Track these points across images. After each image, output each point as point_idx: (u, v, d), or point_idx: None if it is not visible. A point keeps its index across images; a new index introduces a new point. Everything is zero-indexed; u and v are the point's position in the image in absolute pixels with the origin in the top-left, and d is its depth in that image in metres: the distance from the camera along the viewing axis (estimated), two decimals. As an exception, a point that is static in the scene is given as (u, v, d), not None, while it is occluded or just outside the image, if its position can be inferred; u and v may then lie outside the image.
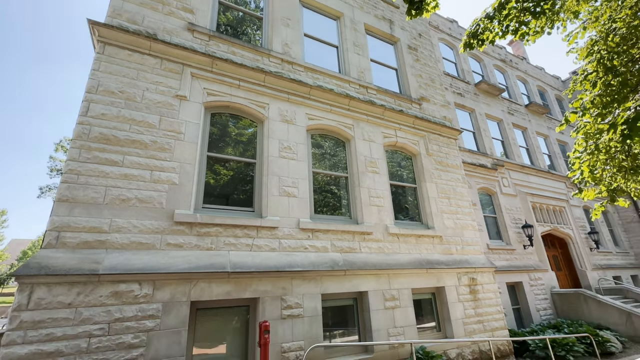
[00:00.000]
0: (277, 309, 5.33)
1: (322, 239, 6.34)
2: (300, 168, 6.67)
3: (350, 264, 6.26)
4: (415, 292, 7.15)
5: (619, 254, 17.10)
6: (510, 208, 13.43)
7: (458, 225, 8.55)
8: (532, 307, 11.54)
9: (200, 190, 5.64)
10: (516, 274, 11.81)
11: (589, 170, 4.75)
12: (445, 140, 9.71)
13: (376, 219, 7.22)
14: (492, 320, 7.79)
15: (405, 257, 7.13)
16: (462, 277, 7.80)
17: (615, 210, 19.01)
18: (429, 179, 8.66)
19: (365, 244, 6.83)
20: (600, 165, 4.84)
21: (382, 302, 6.42)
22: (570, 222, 15.40)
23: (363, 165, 7.62)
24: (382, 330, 6.20)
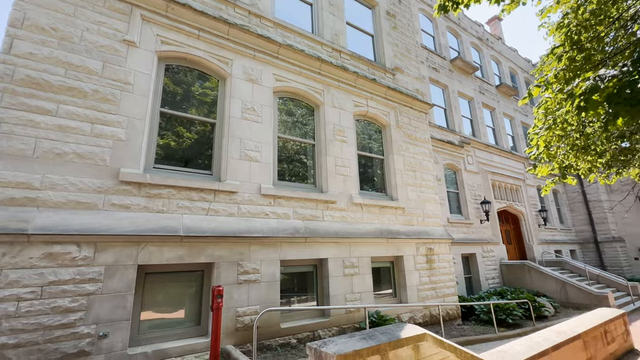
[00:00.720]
0: (233, 274, 5.21)
1: (284, 205, 6.19)
2: (265, 132, 6.34)
3: (311, 232, 6.22)
4: (374, 260, 7.33)
5: (563, 231, 18.72)
6: (472, 185, 14.01)
7: (421, 198, 8.75)
8: (482, 276, 12.45)
9: (151, 149, 5.18)
10: (471, 246, 12.56)
11: (545, 146, 4.91)
12: (416, 113, 9.67)
13: (341, 188, 7.16)
14: (444, 287, 8.27)
15: (367, 227, 7.22)
16: (421, 247, 8.10)
17: (564, 191, 20.56)
18: (397, 152, 8.66)
19: (329, 212, 6.79)
20: (555, 142, 5.00)
21: (342, 269, 6.53)
22: (524, 200, 16.44)
23: (331, 133, 7.41)
24: (340, 296, 6.34)
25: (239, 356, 4.30)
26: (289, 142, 6.98)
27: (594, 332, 5.44)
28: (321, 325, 5.93)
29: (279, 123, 6.91)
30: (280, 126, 6.89)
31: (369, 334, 2.85)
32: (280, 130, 6.84)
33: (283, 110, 7.10)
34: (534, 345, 4.35)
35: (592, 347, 5.28)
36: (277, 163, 6.54)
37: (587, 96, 2.83)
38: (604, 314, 6.29)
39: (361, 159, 8.15)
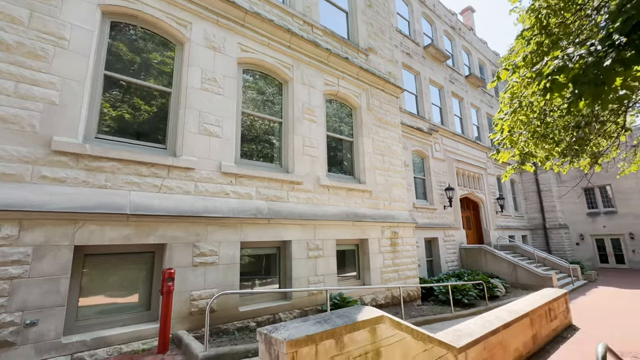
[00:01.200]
0: (188, 256, 4.87)
1: (247, 185, 5.86)
2: (227, 105, 5.88)
3: (275, 213, 5.97)
4: (340, 243, 7.27)
5: (517, 218, 20.02)
6: (438, 172, 14.38)
7: (388, 182, 8.77)
8: (442, 259, 13.00)
9: (93, 116, 4.59)
10: (434, 230, 13.01)
11: (509, 131, 4.98)
12: (387, 97, 9.56)
13: (308, 169, 6.93)
14: (407, 270, 8.46)
15: (333, 209, 7.10)
16: (386, 230, 8.16)
17: (520, 181, 21.89)
18: (367, 134, 8.53)
19: (294, 193, 6.55)
20: (518, 127, 5.09)
21: (306, 252, 6.38)
22: (484, 188, 17.26)
23: (300, 111, 7.09)
24: (303, 278, 6.22)
25: (190, 341, 4.04)
26: (255, 119, 6.58)
27: (539, 311, 5.79)
28: (282, 308, 5.79)
29: (244, 97, 6.46)
30: (245, 101, 6.44)
31: (324, 317, 2.71)
32: (245, 105, 6.40)
33: (249, 84, 6.64)
34: (487, 324, 4.51)
35: (538, 324, 5.63)
36: (240, 140, 6.14)
37: (555, 76, 2.78)
38: (548, 294, 6.73)
39: (330, 140, 7.94)
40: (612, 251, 19.11)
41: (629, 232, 18.45)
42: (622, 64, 2.30)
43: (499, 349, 4.42)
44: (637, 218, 18.32)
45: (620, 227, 18.83)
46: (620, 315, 7.94)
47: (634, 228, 18.33)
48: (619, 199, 19.11)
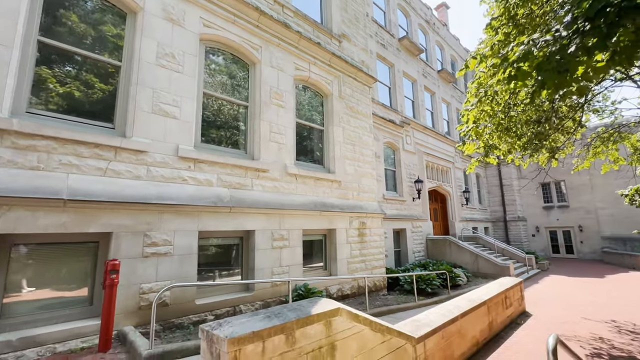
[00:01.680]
0: (137, 246, 4.48)
1: (207, 171, 5.50)
2: (187, 84, 5.43)
3: (238, 201, 5.67)
4: (306, 233, 7.11)
5: (480, 210, 20.96)
6: (408, 164, 14.59)
7: (358, 172, 8.69)
8: (410, 249, 13.29)
9: (23, 87, 4.02)
10: (403, 221, 13.24)
11: (474, 121, 5.01)
12: (359, 86, 9.41)
13: (275, 156, 6.65)
14: (374, 260, 8.50)
15: (301, 199, 6.90)
16: (354, 221, 8.11)
17: (485, 175, 22.87)
18: (337, 123, 8.36)
19: (259, 181, 6.27)
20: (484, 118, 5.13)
21: (270, 242, 6.16)
22: (452, 181, 17.82)
23: (267, 95, 6.75)
24: (267, 269, 6.01)
25: (136, 338, 3.72)
26: (218, 101, 6.16)
27: (496, 299, 5.99)
28: (243, 300, 5.56)
29: (208, 78, 6.02)
30: (208, 82, 6.01)
31: (276, 311, 2.52)
32: (208, 86, 5.97)
33: (213, 64, 6.19)
34: (446, 314, 4.55)
35: (494, 311, 5.82)
36: (201, 123, 5.73)
37: (519, 64, 2.71)
38: (505, 283, 7.01)
39: (300, 127, 7.68)
40: (564, 242, 20.59)
41: (579, 225, 19.93)
42: (585, 51, 2.25)
43: (456, 336, 4.49)
44: (587, 212, 19.80)
45: (571, 220, 20.28)
46: (567, 302, 8.49)
47: (584, 221, 19.82)
48: (572, 194, 20.52)
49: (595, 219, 19.50)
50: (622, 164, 9.11)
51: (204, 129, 5.81)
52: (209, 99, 5.98)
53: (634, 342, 5.40)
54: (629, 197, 8.31)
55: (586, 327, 6.24)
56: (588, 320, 6.66)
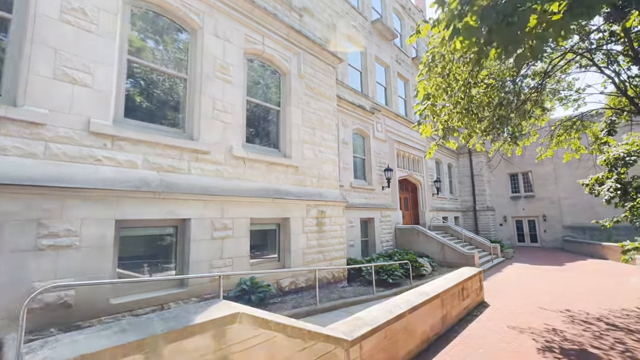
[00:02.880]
0: (29, 238, 3.73)
1: (130, 151, 4.75)
2: (103, 47, 4.60)
3: (169, 186, 4.97)
4: (256, 222, 6.52)
5: (451, 200, 21.13)
6: (378, 152, 14.21)
7: (319, 157, 8.14)
8: (377, 239, 13.03)
9: None
10: (371, 210, 12.90)
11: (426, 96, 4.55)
12: (323, 65, 8.77)
13: (219, 137, 5.96)
14: (333, 250, 8.06)
15: (248, 184, 6.27)
16: (312, 209, 7.59)
17: (457, 166, 23.05)
18: (296, 104, 7.72)
19: (198, 164, 5.58)
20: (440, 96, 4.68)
21: (210, 232, 5.52)
22: (423, 170, 17.69)
23: (211, 68, 6.00)
24: (204, 262, 5.39)
25: (9, 350, 3.03)
26: (148, 71, 5.36)
27: (452, 291, 5.70)
28: (175, 297, 4.93)
29: (135, 43, 5.19)
30: (137, 47, 5.18)
31: (140, 322, 1.94)
32: (136, 52, 5.15)
33: (142, 28, 5.35)
34: (393, 309, 4.14)
35: (449, 304, 5.52)
36: (124, 93, 4.94)
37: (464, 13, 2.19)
38: (464, 273, 6.77)
39: (252, 107, 6.99)
40: (529, 231, 21.20)
41: (543, 215, 20.53)
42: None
43: (403, 334, 4.10)
44: (551, 202, 20.39)
45: (537, 210, 20.86)
46: (526, 291, 8.46)
47: (548, 211, 20.42)
48: (538, 184, 21.06)
49: (558, 208, 20.13)
50: (584, 152, 9.09)
51: (129, 102, 5.02)
52: (136, 68, 5.17)
53: (586, 332, 5.27)
54: (589, 187, 8.30)
55: (541, 317, 6.11)
56: (544, 310, 6.55)
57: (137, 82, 5.21)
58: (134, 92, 5.14)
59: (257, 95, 7.18)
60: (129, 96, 5.06)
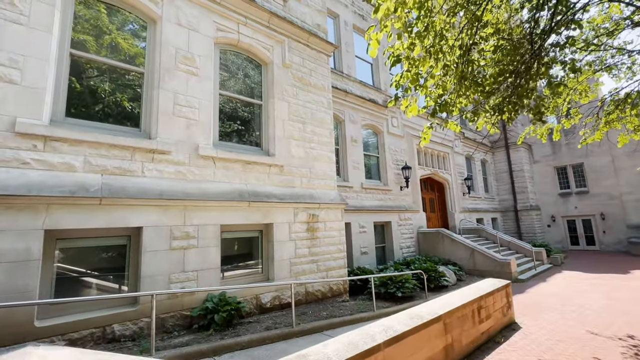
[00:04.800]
0: None
1: (67, 152, 4.25)
2: (34, 36, 4.18)
3: (115, 191, 4.40)
4: (229, 229, 5.79)
5: (487, 200, 18.97)
6: (394, 149, 12.97)
7: (310, 155, 7.25)
8: (396, 245, 11.73)
9: None
10: (387, 213, 11.68)
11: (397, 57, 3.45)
12: (313, 54, 7.93)
13: (182, 135, 5.34)
14: (330, 259, 7.07)
15: (219, 187, 5.57)
16: (301, 213, 6.70)
17: (492, 161, 20.79)
18: (280, 96, 6.94)
19: (155, 165, 4.97)
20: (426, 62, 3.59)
21: (168, 242, 4.87)
22: (450, 168, 15.99)
23: (172, 59, 5.43)
24: (161, 277, 4.73)
25: None
26: (95, 65, 4.89)
27: (462, 311, 4.47)
28: (122, 317, 4.30)
29: (79, 34, 4.75)
30: (81, 39, 4.74)
31: None
32: (78, 45, 4.70)
33: (85, 17, 4.91)
34: (360, 343, 3.10)
35: (457, 329, 4.30)
36: (65, 91, 4.48)
37: None
38: (482, 287, 5.45)
39: (227, 101, 6.34)
40: (583, 233, 18.33)
41: (601, 213, 17.63)
42: None
43: (375, 376, 3.04)
44: (610, 198, 17.46)
45: (592, 208, 17.98)
46: (575, 307, 6.79)
47: (606, 209, 17.50)
48: (592, 178, 18.19)
49: (619, 205, 17.16)
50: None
51: (73, 100, 4.56)
52: (77, 60, 4.71)
53: (657, 373, 3.78)
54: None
55: (591, 347, 4.62)
56: (595, 337, 5.01)
57: (83, 79, 4.75)
58: (79, 89, 4.67)
59: (234, 89, 6.51)
60: (74, 93, 4.60)
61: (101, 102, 4.87)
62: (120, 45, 5.15)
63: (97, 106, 4.82)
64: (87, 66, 4.81)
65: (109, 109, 4.93)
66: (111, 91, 4.99)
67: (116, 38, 5.12)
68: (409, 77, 3.68)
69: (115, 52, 5.08)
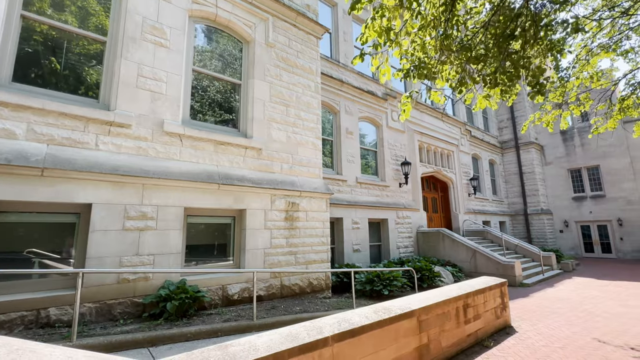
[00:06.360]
0: None
1: (8, 118, 3.90)
2: (-23, -4, 3.87)
3: (60, 162, 4.03)
4: (197, 213, 5.36)
5: (495, 202, 18.06)
6: (394, 144, 12.38)
7: (293, 140, 6.79)
8: (393, 244, 11.10)
9: None
10: (384, 210, 11.07)
11: None
12: (301, 35, 7.50)
13: (146, 109, 4.96)
14: (311, 252, 6.55)
15: (185, 166, 5.15)
16: (278, 200, 6.22)
17: (501, 162, 19.87)
18: (261, 76, 6.52)
19: (111, 138, 4.59)
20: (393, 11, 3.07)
21: (121, 221, 4.46)
22: (455, 167, 15.25)
23: (138, 29, 5.07)
24: (110, 259, 4.31)
25: None
26: (50, 31, 4.56)
27: (442, 308, 3.89)
28: (60, 300, 3.90)
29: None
30: (33, 3, 4.43)
31: None
32: (28, 4, 4.39)
33: (47, -19, 4.61)
34: (303, 335, 2.59)
35: (436, 327, 3.72)
36: (13, 56, 4.16)
37: None
38: (473, 284, 4.84)
39: (202, 78, 5.96)
40: (599, 239, 17.19)
41: (618, 218, 16.50)
42: None
43: (319, 376, 2.52)
44: (629, 203, 16.32)
45: (608, 213, 16.86)
46: (583, 313, 6.06)
47: (624, 214, 16.36)
48: (608, 181, 17.08)
49: (639, 210, 16.01)
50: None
51: (22, 65, 4.23)
52: (30, 24, 4.39)
53: (675, 390, 3.11)
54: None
55: (595, 356, 3.95)
56: (602, 345, 4.33)
57: (36, 43, 4.42)
58: (30, 54, 4.35)
59: (210, 66, 6.13)
60: (24, 58, 4.27)
61: (54, 70, 4.53)
62: (80, 10, 4.82)
63: (50, 73, 4.48)
64: (40, 30, 4.49)
65: (64, 78, 4.59)
66: (68, 59, 4.65)
67: (76, 2, 4.79)
68: (375, 28, 3.17)
69: (74, 17, 4.75)
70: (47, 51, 4.51)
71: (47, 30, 4.51)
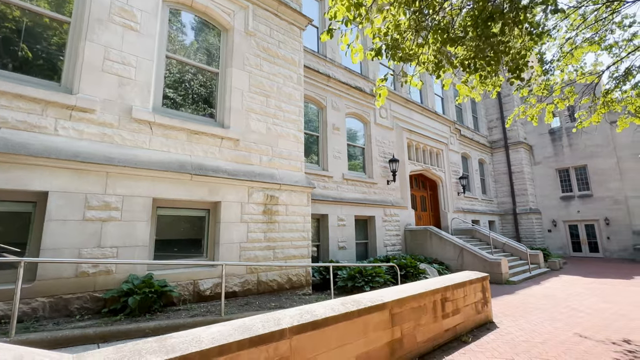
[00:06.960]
0: None
1: (-46, 98, 3.62)
2: None
3: (12, 146, 3.76)
4: (168, 204, 5.11)
5: (484, 201, 18.06)
6: (382, 141, 12.24)
7: (273, 132, 6.58)
8: (380, 242, 10.93)
9: None
10: (370, 208, 10.91)
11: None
12: (284, 25, 7.31)
13: (112, 94, 4.71)
14: (290, 247, 6.34)
15: (155, 155, 4.91)
16: (256, 193, 6.00)
17: (491, 162, 19.91)
18: (240, 65, 6.30)
19: (73, 124, 4.33)
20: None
21: (81, 211, 4.19)
22: (444, 165, 15.18)
23: (105, 10, 4.82)
24: (68, 250, 4.04)
25: None
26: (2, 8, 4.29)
27: (418, 301, 3.71)
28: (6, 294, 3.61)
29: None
30: (-11, -23, 4.16)
31: None
32: (-14, -18, 4.12)
33: (4, -44, 4.34)
34: (257, 327, 2.39)
35: (410, 321, 3.54)
36: (-37, 31, 3.88)
37: None
38: (453, 277, 4.68)
39: (177, 65, 5.72)
40: (586, 238, 17.28)
41: (605, 218, 16.61)
42: None
43: (274, 371, 2.30)
44: (615, 202, 16.44)
45: (596, 212, 16.96)
46: (566, 309, 5.95)
47: (611, 213, 16.47)
48: (596, 181, 17.21)
49: (625, 210, 16.14)
50: (649, 113, 6.47)
51: (-26, 42, 3.96)
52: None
53: (656, 384, 2.97)
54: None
55: (577, 351, 3.81)
56: (584, 340, 4.19)
57: (-8, 21, 4.15)
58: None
59: (186, 53, 5.90)
60: (-23, 36, 4.00)
61: (11, 49, 4.26)
62: (42, -11, 4.56)
63: (5, 53, 4.20)
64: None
65: (23, 59, 4.32)
66: (26, 39, 4.38)
67: (37, -20, 4.53)
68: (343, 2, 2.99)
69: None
70: (4, 30, 4.24)
71: (3, 9, 4.24)
